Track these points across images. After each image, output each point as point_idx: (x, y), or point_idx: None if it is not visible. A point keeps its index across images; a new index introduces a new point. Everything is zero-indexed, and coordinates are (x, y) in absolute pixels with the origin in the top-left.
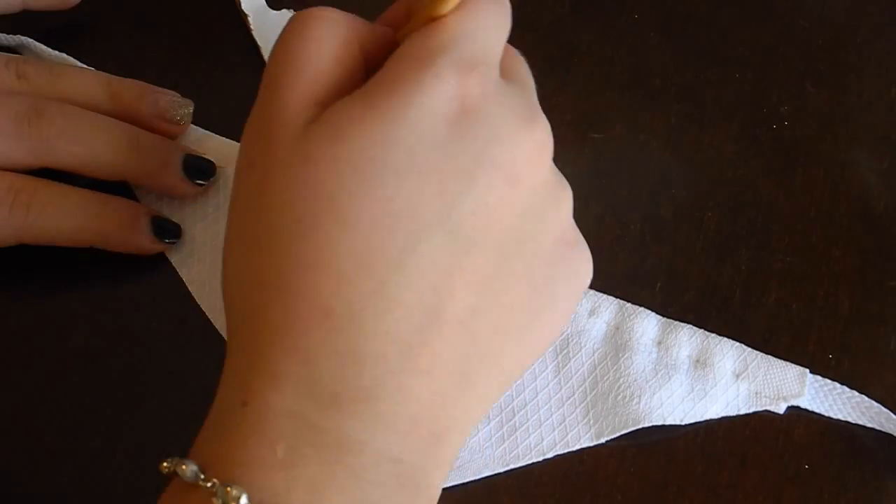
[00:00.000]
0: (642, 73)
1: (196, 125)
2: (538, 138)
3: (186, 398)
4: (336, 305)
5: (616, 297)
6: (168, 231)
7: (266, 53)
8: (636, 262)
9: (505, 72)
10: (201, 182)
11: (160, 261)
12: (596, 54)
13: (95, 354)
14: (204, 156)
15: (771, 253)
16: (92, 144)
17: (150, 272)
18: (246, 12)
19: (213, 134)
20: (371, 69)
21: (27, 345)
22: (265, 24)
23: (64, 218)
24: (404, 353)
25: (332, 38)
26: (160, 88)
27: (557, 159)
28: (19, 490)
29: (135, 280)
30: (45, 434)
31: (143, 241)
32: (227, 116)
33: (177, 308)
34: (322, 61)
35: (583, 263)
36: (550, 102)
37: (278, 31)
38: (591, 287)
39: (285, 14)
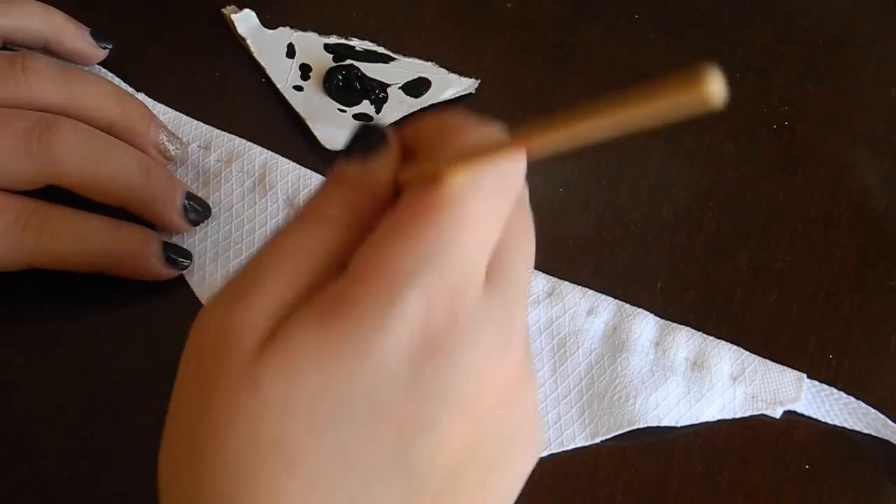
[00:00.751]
0: (642, 73)
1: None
2: (511, 366)
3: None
4: None
5: (616, 296)
6: (178, 257)
7: (271, 75)
8: (636, 262)
9: (496, 267)
10: (194, 218)
11: None
12: (596, 54)
13: (96, 354)
14: (201, 200)
15: (771, 253)
16: (103, 168)
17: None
18: (243, 35)
19: (224, 132)
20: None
21: (27, 344)
22: (263, 45)
23: (75, 243)
24: None
25: (310, 240)
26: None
27: (558, 159)
28: (19, 490)
29: (136, 281)
30: (45, 434)
31: (154, 267)
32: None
33: (177, 308)
34: (293, 267)
35: (536, 448)
36: (550, 102)
37: (276, 50)
38: (592, 287)
39: (282, 32)
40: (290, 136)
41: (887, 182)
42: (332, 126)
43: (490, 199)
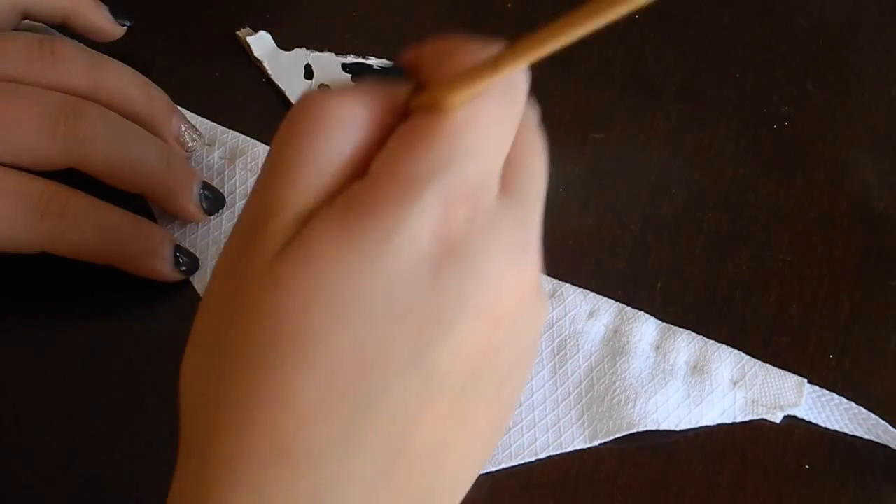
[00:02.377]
0: (642, 73)
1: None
2: (528, 275)
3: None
4: (295, 447)
5: (616, 296)
6: (188, 263)
7: (290, 96)
8: (636, 262)
9: (508, 178)
10: (210, 212)
11: None
12: (596, 54)
13: (96, 354)
14: (216, 189)
15: (771, 253)
16: (126, 154)
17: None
18: (259, 58)
19: (227, 129)
20: (385, 133)
21: (27, 344)
22: (280, 67)
23: (93, 234)
24: (367, 492)
25: (340, 146)
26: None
27: (558, 159)
28: (19, 490)
29: (136, 280)
30: (45, 434)
31: (164, 269)
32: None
33: (178, 308)
34: (321, 171)
35: (531, 367)
36: (550, 102)
37: (293, 72)
38: (592, 288)
39: (298, 53)
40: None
41: (887, 182)
42: None
43: (497, 108)
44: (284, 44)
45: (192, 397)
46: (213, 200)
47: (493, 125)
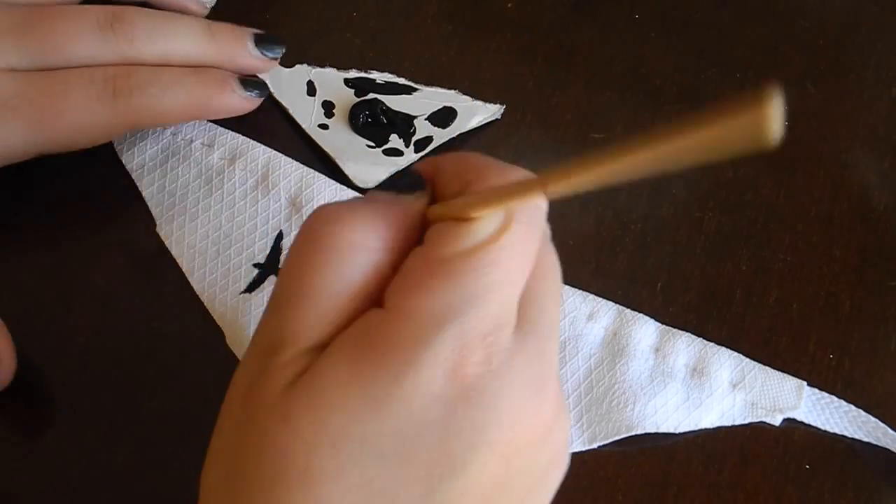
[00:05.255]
0: (642, 73)
1: None
2: (546, 407)
3: (186, 398)
4: None
5: (616, 296)
6: (256, 88)
7: (293, 113)
8: (636, 262)
9: (525, 308)
10: (274, 55)
11: (160, 261)
12: (596, 54)
13: (96, 353)
14: (270, 34)
15: (771, 253)
16: (173, 38)
17: (151, 272)
18: (261, 77)
19: (227, 130)
20: (400, 252)
21: (27, 344)
22: (282, 84)
23: (165, 94)
24: None
25: (354, 271)
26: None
27: (558, 159)
28: (20, 490)
29: (137, 280)
30: (45, 434)
31: (238, 100)
32: None
33: (178, 307)
34: (335, 297)
35: (563, 469)
36: (550, 102)
37: (296, 88)
38: (592, 288)
39: (300, 70)
40: (291, 138)
41: (887, 182)
42: (364, 163)
43: (520, 243)
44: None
45: None
46: (272, 44)
47: (518, 260)
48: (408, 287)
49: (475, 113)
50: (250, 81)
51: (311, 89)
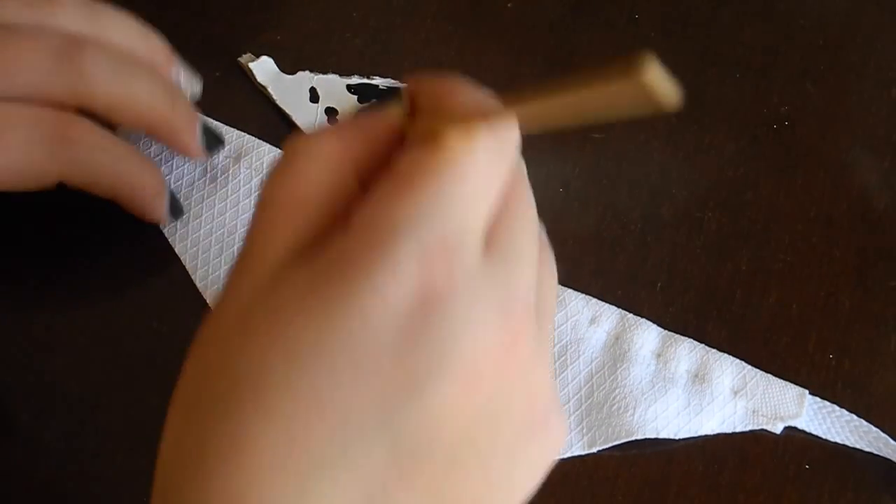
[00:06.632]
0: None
1: None
2: (512, 337)
3: None
4: (248, 501)
5: (616, 296)
6: (177, 208)
7: (297, 120)
8: (636, 262)
9: (494, 237)
10: (211, 151)
11: (164, 259)
12: (596, 54)
13: (96, 352)
14: (216, 131)
15: (771, 253)
16: (131, 89)
17: (154, 270)
18: (263, 84)
19: (232, 128)
20: (368, 184)
21: (27, 343)
22: (285, 91)
23: (107, 161)
24: None
25: (317, 179)
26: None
27: (558, 159)
28: (20, 490)
29: (137, 280)
30: (45, 434)
31: (160, 208)
32: None
33: (179, 307)
34: (301, 209)
35: (551, 439)
36: None
37: (299, 96)
38: (593, 288)
39: (302, 77)
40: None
41: (887, 182)
42: None
43: (486, 159)
44: (284, 44)
45: (163, 447)
46: (212, 139)
47: (484, 168)
48: (371, 200)
49: None
50: (176, 202)
51: (314, 96)
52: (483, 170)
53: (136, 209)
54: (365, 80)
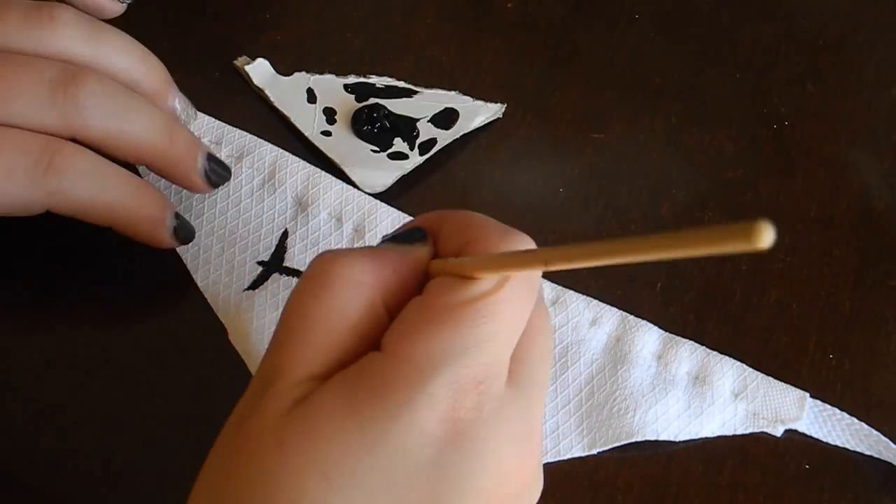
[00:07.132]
0: (642, 73)
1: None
2: (529, 462)
3: (187, 397)
4: None
5: (616, 296)
6: (186, 232)
7: (295, 122)
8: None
9: (517, 363)
10: (216, 184)
11: (164, 258)
12: (596, 54)
13: (99, 354)
14: (221, 161)
15: (771, 253)
16: (127, 124)
17: (155, 270)
18: (260, 86)
19: (231, 126)
20: (393, 311)
21: (30, 345)
22: (282, 93)
23: (97, 191)
24: None
25: (351, 305)
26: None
27: (558, 159)
28: (19, 490)
29: (137, 279)
30: (47, 434)
31: (165, 236)
32: None
33: (181, 308)
34: (333, 331)
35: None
36: (550, 102)
37: (296, 97)
38: (593, 289)
39: (298, 78)
40: (294, 146)
41: (887, 182)
42: (369, 168)
43: (517, 299)
44: (284, 44)
45: None
46: (220, 173)
47: (513, 315)
48: (407, 332)
49: (477, 113)
50: (185, 225)
51: (312, 97)
52: (515, 307)
53: (138, 238)
54: (362, 80)
